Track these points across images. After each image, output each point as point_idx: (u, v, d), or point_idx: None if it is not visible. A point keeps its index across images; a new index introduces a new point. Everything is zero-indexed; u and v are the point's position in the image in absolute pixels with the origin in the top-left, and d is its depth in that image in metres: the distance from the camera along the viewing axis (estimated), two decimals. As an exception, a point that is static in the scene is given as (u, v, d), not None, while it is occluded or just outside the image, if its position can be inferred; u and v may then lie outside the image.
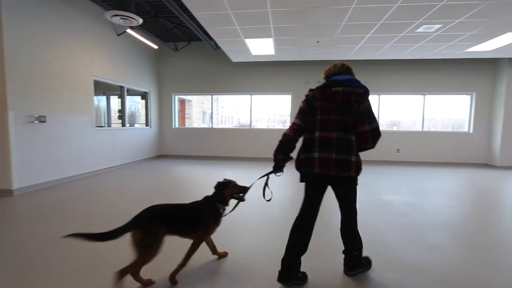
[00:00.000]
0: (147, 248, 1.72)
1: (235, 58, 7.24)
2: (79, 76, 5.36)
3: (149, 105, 8.19)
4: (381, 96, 8.09)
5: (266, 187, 2.15)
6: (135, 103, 8.91)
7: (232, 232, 2.83)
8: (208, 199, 2.13)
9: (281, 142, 1.99)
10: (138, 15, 4.52)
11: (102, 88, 7.33)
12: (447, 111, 8.62)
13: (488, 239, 2.74)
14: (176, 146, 8.77)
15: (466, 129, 7.99)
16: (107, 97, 8.16)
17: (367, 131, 1.80)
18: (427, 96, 7.98)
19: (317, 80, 8.06)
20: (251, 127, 8.65)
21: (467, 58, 7.12)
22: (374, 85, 7.85)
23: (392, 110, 8.45)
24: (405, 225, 3.06)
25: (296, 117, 1.99)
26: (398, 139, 8.04)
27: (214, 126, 8.94)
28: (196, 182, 5.15)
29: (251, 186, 2.23)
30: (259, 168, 6.61)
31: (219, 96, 9.10)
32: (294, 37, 5.38)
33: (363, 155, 1.93)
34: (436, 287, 1.91)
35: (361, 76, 7.68)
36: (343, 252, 2.06)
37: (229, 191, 2.14)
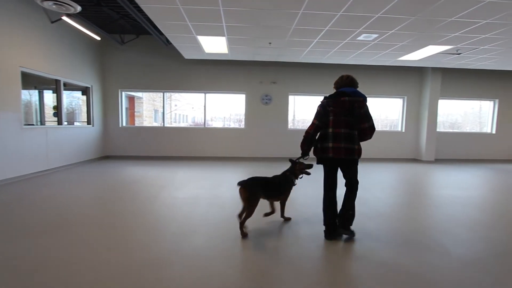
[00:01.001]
0: (251, 203, 2.59)
1: (187, 55, 7.03)
2: (2, 67, 4.65)
3: (91, 102, 7.48)
4: (329, 97, 8.65)
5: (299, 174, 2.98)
6: (75, 99, 8.05)
7: (184, 233, 2.75)
8: (285, 173, 2.95)
9: (305, 137, 2.69)
10: (76, 1, 4.09)
11: (34, 82, 6.46)
12: (386, 112, 9.65)
13: (414, 224, 3.15)
14: (124, 146, 8.18)
15: (399, 129, 9.02)
16: (39, 92, 7.21)
17: (366, 128, 2.58)
18: (368, 99, 8.77)
19: (270, 80, 8.30)
20: (206, 126, 8.50)
21: (400, 66, 8.04)
22: (321, 87, 8.34)
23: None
24: (347, 216, 3.34)
25: (314, 118, 2.70)
26: (344, 137, 8.68)
27: (167, 125, 8.56)
28: (147, 184, 4.88)
29: (312, 165, 2.97)
30: (213, 168, 6.53)
31: (172, 93, 8.73)
32: (247, 37, 5.44)
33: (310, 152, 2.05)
34: (373, 270, 2.12)
35: (309, 78, 8.06)
36: (339, 215, 2.66)
37: (299, 167, 2.95)
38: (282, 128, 8.49)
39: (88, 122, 7.49)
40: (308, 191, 4.33)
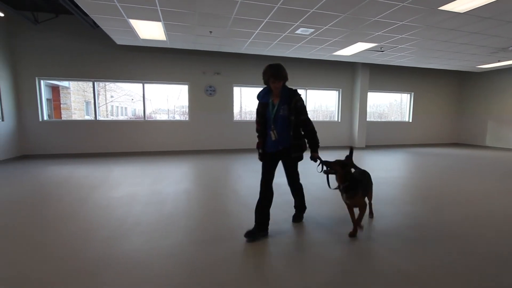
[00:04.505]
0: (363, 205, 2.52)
1: (119, 40, 6.38)
2: None
3: (-1, 92, 6.27)
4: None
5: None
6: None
7: (119, 236, 2.52)
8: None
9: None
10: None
11: None
12: (326, 104, 10.37)
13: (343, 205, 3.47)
14: (47, 143, 7.12)
15: (336, 119, 9.79)
16: None
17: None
18: (309, 91, 9.30)
19: (214, 71, 8.11)
20: (146, 119, 7.93)
21: (335, 61, 8.66)
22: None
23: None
24: (288, 202, 3.49)
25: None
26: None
27: (101, 118, 7.71)
28: (76, 185, 4.33)
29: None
30: (154, 163, 6.15)
31: (106, 83, 7.82)
32: (186, 24, 5.17)
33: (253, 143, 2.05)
34: (309, 249, 2.26)
35: (254, 70, 8.11)
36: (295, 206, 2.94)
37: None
38: (227, 120, 8.42)
39: (-4, 116, 6.29)
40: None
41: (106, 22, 5.14)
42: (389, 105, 11.99)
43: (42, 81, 7.12)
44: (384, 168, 5.93)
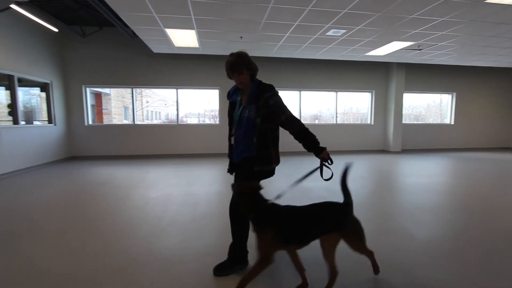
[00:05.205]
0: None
1: (156, 49, 6.76)
2: None
3: (52, 99, 6.95)
4: (302, 92, 8.80)
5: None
6: (34, 97, 7.43)
7: (156, 234, 2.66)
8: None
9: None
10: (26, -11, 3.74)
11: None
12: (356, 106, 10.03)
13: (382, 212, 3.31)
14: (91, 145, 7.72)
15: (369, 122, 9.41)
16: (-10, 89, 6.56)
17: None
18: (339, 93, 9.06)
19: (244, 75, 8.23)
20: (179, 123, 8.28)
21: (367, 61, 8.35)
22: (295, 82, 8.50)
23: (313, 105, 9.36)
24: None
25: (288, 110, 1.98)
26: (318, 131, 8.85)
27: (138, 123, 8.20)
28: (116, 185, 4.64)
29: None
30: (187, 165, 6.39)
31: (142, 90, 8.33)
32: (218, 30, 5.33)
33: (284, 146, 2.07)
34: (344, 257, 2.19)
35: (282, 73, 8.11)
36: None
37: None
38: (256, 123, 8.48)
39: (50, 121, 6.97)
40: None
41: (144, 32, 5.47)
42: (427, 107, 11.26)
43: (87, 89, 7.77)
44: (423, 174, 5.56)
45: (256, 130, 1.91)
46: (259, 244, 1.61)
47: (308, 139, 1.93)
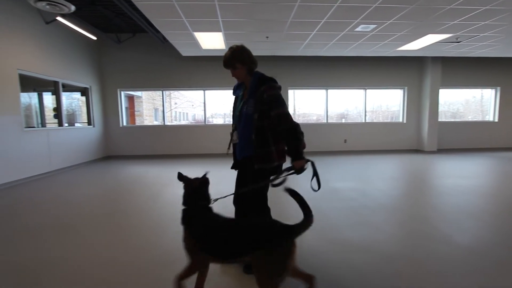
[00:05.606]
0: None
1: (184, 52, 6.99)
2: (0, 70, 4.63)
3: (91, 102, 7.47)
4: (329, 90, 8.61)
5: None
6: (74, 100, 8.06)
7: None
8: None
9: (302, 133, 1.77)
10: (70, 1, 4.06)
11: (32, 84, 6.46)
12: (386, 104, 9.60)
13: (417, 215, 3.14)
14: (125, 145, 8.19)
15: (401, 120, 8.96)
16: (38, 94, 7.21)
17: None
18: (368, 90, 8.73)
19: (270, 75, 8.23)
20: (206, 123, 8.49)
21: (399, 56, 7.95)
22: (322, 80, 8.33)
23: (340, 103, 9.12)
24: (351, 208, 3.33)
25: (286, 108, 1.80)
26: (345, 130, 8.68)
27: (167, 123, 8.55)
28: (149, 183, 4.89)
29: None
30: (214, 164, 6.54)
31: (171, 91, 8.68)
32: (244, 32, 5.39)
33: (310, 146, 2.04)
34: (377, 261, 2.12)
35: (309, 72, 7.98)
36: None
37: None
38: (282, 123, 8.44)
39: (89, 123, 7.50)
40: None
41: (174, 36, 5.69)
42: (466, 103, 10.45)
43: (122, 92, 8.24)
44: (462, 175, 5.19)
45: (253, 126, 1.80)
46: (183, 241, 1.58)
47: (290, 142, 1.75)
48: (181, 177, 1.69)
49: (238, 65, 1.90)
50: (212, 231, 1.50)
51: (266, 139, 1.81)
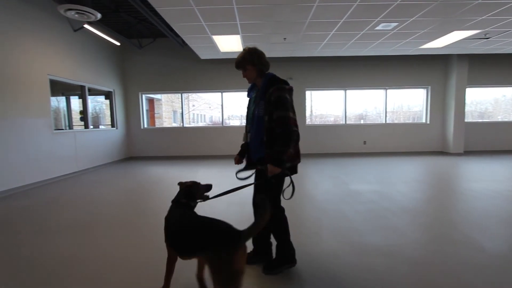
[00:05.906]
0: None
1: (203, 55, 7.12)
2: (33, 76, 4.95)
3: (114, 105, 7.79)
4: (348, 91, 8.44)
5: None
6: (99, 104, 8.42)
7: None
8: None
9: (296, 139, 1.80)
10: (96, 9, 4.27)
11: (61, 88, 6.81)
12: (408, 104, 9.27)
13: (443, 219, 3.01)
14: (145, 147, 8.45)
15: (424, 120, 8.62)
16: (66, 98, 7.61)
17: None
18: (389, 91, 8.48)
19: (287, 76, 8.21)
20: (223, 125, 8.59)
21: (422, 55, 7.67)
22: (340, 81, 8.20)
23: (358, 104, 8.91)
24: (372, 211, 3.25)
25: (292, 111, 1.82)
26: (364, 131, 8.47)
27: (186, 125, 8.74)
28: (169, 183, 5.02)
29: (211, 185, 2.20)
30: (232, 166, 6.59)
31: (189, 94, 8.87)
32: (262, 34, 5.42)
33: (328, 148, 2.01)
34: (399, 267, 2.05)
35: (326, 72, 7.87)
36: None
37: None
38: (300, 124, 8.36)
39: (112, 125, 7.81)
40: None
41: (193, 40, 5.81)
42: (495, 102, 9.87)
43: (143, 95, 8.52)
44: (492, 179, 4.91)
45: (264, 128, 1.82)
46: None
47: (277, 147, 1.74)
48: (181, 183, 1.90)
49: (248, 66, 1.93)
50: (176, 226, 1.59)
51: (275, 140, 1.82)
